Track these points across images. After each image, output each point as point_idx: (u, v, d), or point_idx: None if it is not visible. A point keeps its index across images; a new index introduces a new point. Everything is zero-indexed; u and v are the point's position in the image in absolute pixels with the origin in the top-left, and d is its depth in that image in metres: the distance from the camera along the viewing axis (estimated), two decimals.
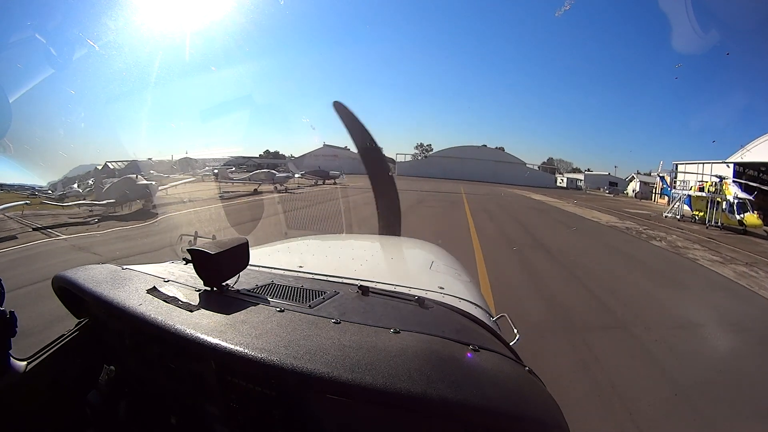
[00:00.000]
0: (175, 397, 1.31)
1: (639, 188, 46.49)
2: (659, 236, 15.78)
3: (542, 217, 20.15)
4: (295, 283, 1.54)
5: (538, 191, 44.17)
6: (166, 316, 1.15)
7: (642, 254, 11.87)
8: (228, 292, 1.36)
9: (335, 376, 0.88)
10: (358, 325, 1.12)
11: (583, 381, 4.12)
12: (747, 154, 29.44)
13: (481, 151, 66.48)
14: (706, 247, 13.96)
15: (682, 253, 12.50)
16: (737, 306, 7.45)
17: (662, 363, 4.66)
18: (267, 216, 12.93)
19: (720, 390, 4.13)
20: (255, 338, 1.02)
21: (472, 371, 0.95)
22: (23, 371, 1.29)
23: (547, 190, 51.02)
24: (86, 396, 1.38)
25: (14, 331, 1.18)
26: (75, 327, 1.50)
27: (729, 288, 8.70)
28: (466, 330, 1.24)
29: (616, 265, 10.10)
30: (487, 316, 1.60)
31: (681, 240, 15.23)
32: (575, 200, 34.23)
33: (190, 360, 1.19)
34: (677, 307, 6.89)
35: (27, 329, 1.54)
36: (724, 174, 25.81)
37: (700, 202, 22.50)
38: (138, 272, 1.54)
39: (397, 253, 2.76)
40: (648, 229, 17.98)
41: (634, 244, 13.90)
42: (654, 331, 5.58)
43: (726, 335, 5.79)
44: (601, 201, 37.35)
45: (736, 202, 19.89)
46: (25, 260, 7.93)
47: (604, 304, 6.68)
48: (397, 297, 1.43)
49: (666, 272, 9.69)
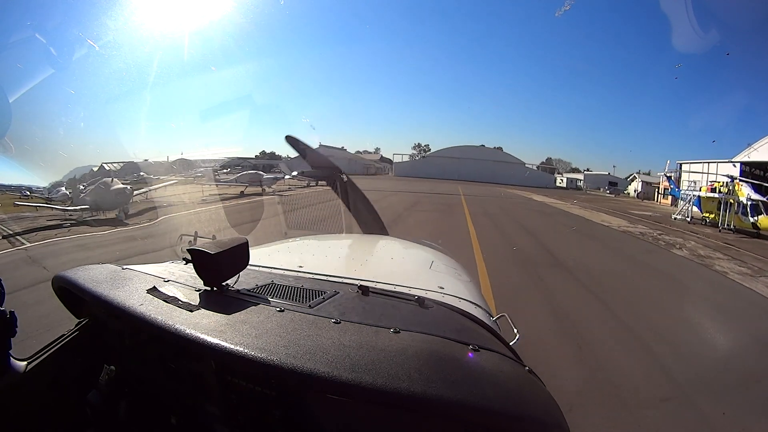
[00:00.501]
0: (175, 397, 1.32)
1: (641, 188, 45.71)
2: (677, 243, 14.73)
3: (550, 223, 18.92)
4: (295, 283, 1.54)
5: (538, 191, 43.29)
6: (166, 316, 1.14)
7: (669, 268, 10.68)
8: (228, 292, 1.36)
9: (335, 375, 0.87)
10: (358, 325, 1.12)
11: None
12: (753, 153, 28.70)
13: (480, 151, 65.71)
14: (728, 255, 12.94)
15: (708, 264, 11.44)
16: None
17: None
18: (239, 224, 11.87)
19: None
20: (255, 338, 1.02)
21: (472, 371, 0.95)
22: (23, 371, 1.29)
23: (547, 190, 50.25)
24: (86, 396, 1.38)
25: (14, 331, 1.18)
26: (75, 327, 1.49)
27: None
28: (466, 330, 1.25)
29: (649, 286, 8.51)
30: (487, 316, 1.60)
31: (701, 247, 14.17)
32: (577, 201, 33.32)
33: (190, 360, 1.19)
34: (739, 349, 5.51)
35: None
36: (730, 173, 25.03)
37: (710, 204, 21.56)
38: (138, 272, 1.53)
39: (397, 253, 2.72)
40: (663, 234, 16.89)
41: (657, 255, 12.48)
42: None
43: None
44: (604, 202, 36.46)
45: (750, 203, 19.03)
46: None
47: (664, 368, 4.62)
48: (397, 297, 1.43)
49: (702, 293, 8.40)
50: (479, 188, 42.04)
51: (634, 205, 33.73)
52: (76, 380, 1.41)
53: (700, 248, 13.97)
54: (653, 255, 12.52)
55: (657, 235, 16.32)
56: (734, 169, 27.30)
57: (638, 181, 48.87)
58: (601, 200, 38.15)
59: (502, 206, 24.41)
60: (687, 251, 13.24)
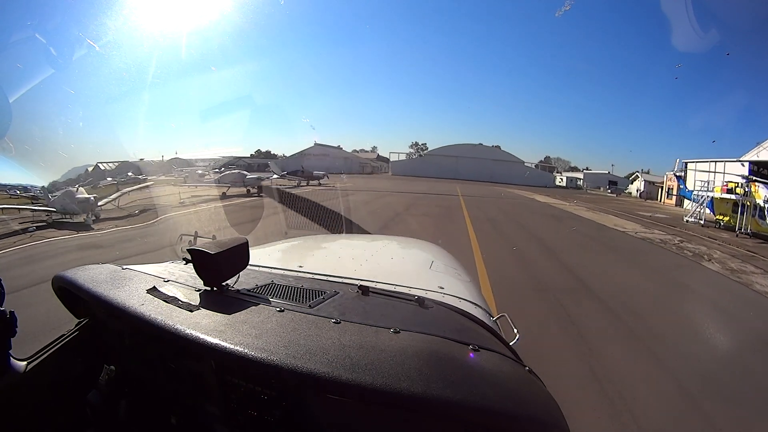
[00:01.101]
0: (175, 397, 1.32)
1: (644, 187, 44.58)
2: (703, 253, 13.40)
3: (560, 228, 17.00)
4: (295, 283, 1.54)
5: (539, 191, 42.14)
6: (166, 316, 1.14)
7: (710, 291, 9.11)
8: (228, 292, 1.36)
9: (335, 376, 0.87)
10: (358, 325, 1.12)
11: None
12: (762, 152, 27.70)
13: (478, 149, 64.16)
14: (759, 268, 11.75)
15: (745, 282, 10.19)
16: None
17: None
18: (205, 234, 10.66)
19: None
20: (255, 338, 1.01)
21: (472, 371, 0.95)
22: (23, 371, 1.29)
23: (547, 189, 49.11)
24: (86, 396, 1.38)
25: (14, 331, 1.17)
26: (75, 327, 1.49)
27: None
28: (466, 330, 1.24)
29: (700, 322, 6.66)
30: (487, 316, 1.59)
31: (728, 258, 12.92)
32: (581, 201, 32.14)
33: (190, 360, 1.18)
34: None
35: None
36: (739, 173, 23.98)
37: (723, 206, 20.46)
38: (138, 272, 1.53)
39: (397, 252, 2.69)
40: (684, 241, 15.61)
41: (690, 272, 10.79)
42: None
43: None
44: (607, 202, 35.33)
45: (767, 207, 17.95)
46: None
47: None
48: (397, 297, 1.43)
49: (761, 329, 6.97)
50: (478, 188, 40.67)
51: (639, 206, 32.57)
52: (76, 380, 1.41)
53: (728, 259, 12.73)
54: (686, 272, 11.10)
55: (678, 243, 15.06)
56: (743, 168, 26.27)
57: (640, 180, 47.68)
58: (604, 200, 37.04)
59: (504, 209, 22.90)
60: (717, 264, 11.95)
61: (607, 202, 35.22)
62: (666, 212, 27.55)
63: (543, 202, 29.81)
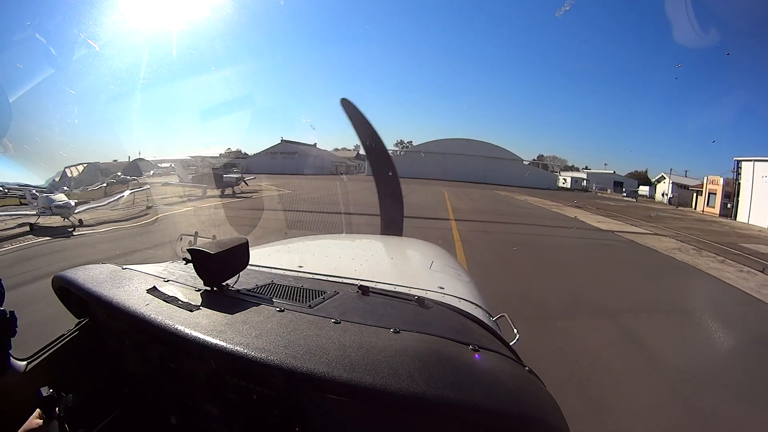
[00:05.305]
0: (175, 397, 1.32)
1: (672, 191, 37.06)
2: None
3: (629, 278, 9.45)
4: (295, 283, 1.54)
5: (543, 195, 34.19)
6: (167, 316, 1.14)
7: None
8: (228, 292, 1.36)
9: (335, 375, 0.87)
10: (358, 325, 1.12)
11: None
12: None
13: (468, 145, 55.01)
14: None
15: None
16: None
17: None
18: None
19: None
20: (255, 338, 1.02)
21: (472, 371, 0.95)
22: (23, 371, 1.29)
23: (551, 192, 41.24)
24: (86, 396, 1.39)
25: (14, 331, 1.17)
26: (75, 327, 1.49)
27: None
28: (466, 330, 1.24)
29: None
30: (487, 316, 1.59)
31: None
32: (610, 212, 24.07)
33: (190, 360, 1.19)
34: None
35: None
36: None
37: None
38: (138, 272, 1.53)
39: (397, 252, 2.69)
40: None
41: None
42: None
43: None
44: (635, 210, 27.57)
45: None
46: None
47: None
48: (397, 297, 1.44)
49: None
50: (472, 192, 32.17)
51: (684, 218, 24.74)
52: (75, 380, 1.41)
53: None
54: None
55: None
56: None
57: (667, 182, 39.10)
58: (628, 207, 29.22)
59: (519, 231, 14.62)
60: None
61: (634, 209, 27.36)
62: (724, 225, 19.63)
63: (566, 215, 21.37)
